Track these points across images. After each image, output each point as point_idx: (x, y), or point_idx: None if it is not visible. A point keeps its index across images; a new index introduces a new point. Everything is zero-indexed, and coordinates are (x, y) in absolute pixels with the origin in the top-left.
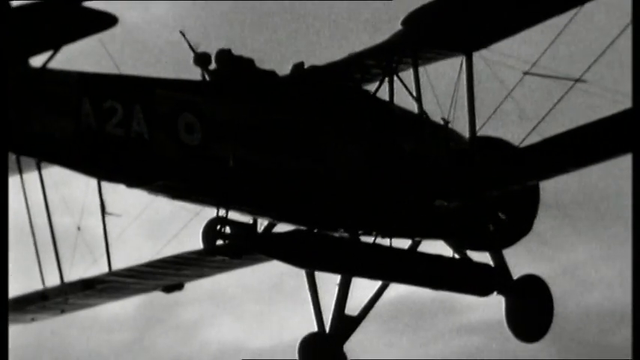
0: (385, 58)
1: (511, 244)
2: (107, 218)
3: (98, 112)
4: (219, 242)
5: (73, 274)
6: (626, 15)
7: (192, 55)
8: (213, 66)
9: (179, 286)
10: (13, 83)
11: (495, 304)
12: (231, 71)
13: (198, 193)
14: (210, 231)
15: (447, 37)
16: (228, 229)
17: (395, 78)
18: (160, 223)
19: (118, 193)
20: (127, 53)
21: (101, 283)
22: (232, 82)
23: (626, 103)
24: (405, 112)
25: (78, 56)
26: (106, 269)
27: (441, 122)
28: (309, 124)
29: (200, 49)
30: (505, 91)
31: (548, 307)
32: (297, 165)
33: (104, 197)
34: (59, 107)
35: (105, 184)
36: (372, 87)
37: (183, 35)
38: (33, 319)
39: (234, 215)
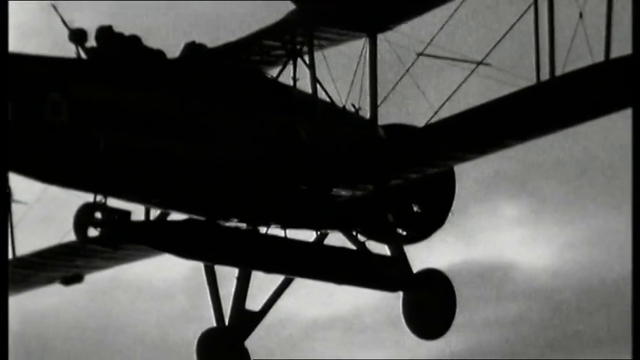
0: (287, 39)
1: (423, 237)
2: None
3: None
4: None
5: None
6: None
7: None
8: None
9: (78, 278)
10: None
11: None
12: (111, 49)
13: (64, 177)
14: (81, 218)
15: (348, 17)
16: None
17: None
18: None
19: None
20: None
21: None
22: (109, 60)
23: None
24: (306, 97)
25: None
26: None
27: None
28: (194, 107)
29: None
30: (407, 75)
31: (450, 303)
32: (178, 150)
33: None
34: None
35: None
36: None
37: (56, 9)
38: None
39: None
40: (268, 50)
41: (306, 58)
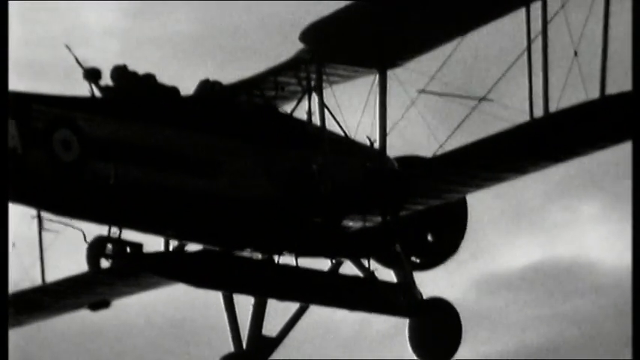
0: (301, 76)
1: (436, 264)
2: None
3: None
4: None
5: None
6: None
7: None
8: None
9: (105, 303)
10: None
11: None
12: (125, 87)
13: (78, 211)
14: (93, 250)
15: (360, 54)
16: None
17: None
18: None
19: None
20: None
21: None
22: (122, 98)
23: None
24: (319, 131)
25: None
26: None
27: (367, 141)
28: (207, 142)
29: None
30: (415, 110)
31: (455, 332)
32: (190, 184)
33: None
34: None
35: None
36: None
37: (69, 49)
38: None
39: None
40: (283, 86)
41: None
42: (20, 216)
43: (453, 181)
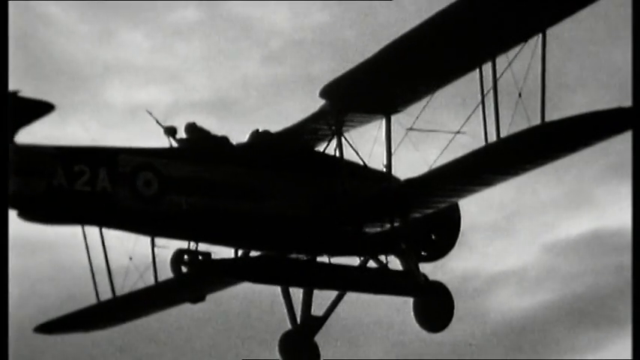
0: (330, 123)
1: (439, 257)
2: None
3: (69, 173)
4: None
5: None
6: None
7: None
8: (182, 135)
9: (202, 298)
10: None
11: None
12: (194, 139)
13: (160, 231)
14: (174, 260)
15: (368, 105)
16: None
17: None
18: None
19: None
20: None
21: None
22: (192, 147)
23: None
24: (346, 162)
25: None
26: None
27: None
28: (259, 175)
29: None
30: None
31: (449, 306)
32: (246, 206)
33: None
34: (37, 171)
35: None
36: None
37: (150, 113)
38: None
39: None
40: (316, 131)
41: (346, 135)
42: (135, 237)
43: (438, 194)
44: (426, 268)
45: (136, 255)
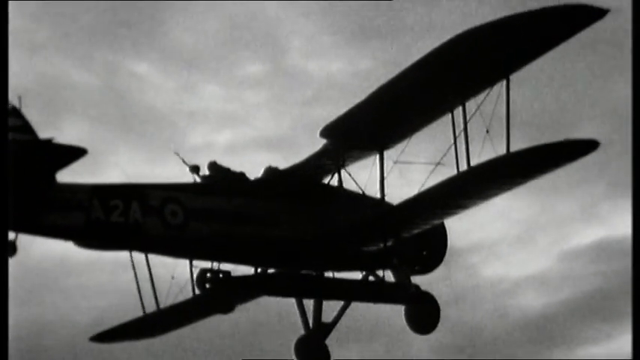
0: (332, 159)
1: (429, 271)
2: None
3: (105, 207)
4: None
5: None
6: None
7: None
8: (205, 172)
9: (231, 309)
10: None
11: None
12: (216, 176)
13: (185, 254)
14: (199, 278)
15: (363, 142)
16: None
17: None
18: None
19: None
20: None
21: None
22: (214, 183)
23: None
24: (345, 192)
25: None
26: None
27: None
28: (270, 205)
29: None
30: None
31: (435, 312)
32: (259, 231)
33: None
34: (76, 206)
35: None
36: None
37: (178, 154)
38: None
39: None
40: (320, 166)
41: (348, 168)
42: (175, 261)
43: (422, 216)
44: (457, 274)
45: (176, 273)
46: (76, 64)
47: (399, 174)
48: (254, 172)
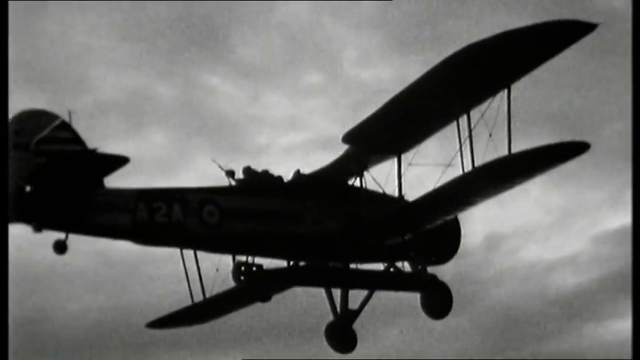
0: (355, 163)
1: (444, 262)
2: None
3: (150, 209)
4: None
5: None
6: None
7: (224, 171)
8: (239, 176)
9: (268, 298)
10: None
11: None
12: (250, 179)
13: (222, 249)
14: (234, 270)
15: (383, 147)
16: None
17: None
18: None
19: None
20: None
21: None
22: (248, 185)
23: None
24: (369, 192)
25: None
26: None
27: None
28: (297, 204)
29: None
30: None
31: (448, 299)
32: (289, 227)
33: None
34: (123, 209)
35: None
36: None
37: (214, 161)
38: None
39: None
40: (345, 169)
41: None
42: (219, 256)
43: (434, 211)
44: (503, 256)
45: (220, 266)
46: (158, 79)
47: (413, 175)
48: (310, 170)
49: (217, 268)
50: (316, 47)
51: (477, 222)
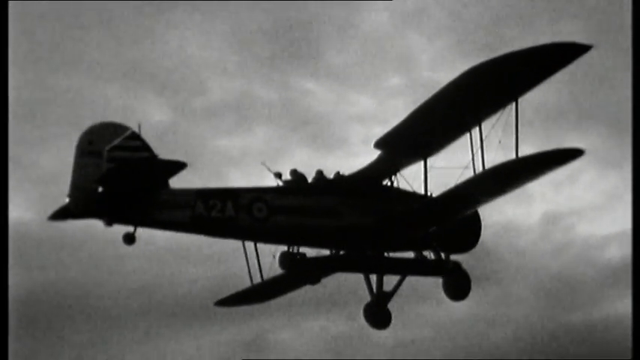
0: (387, 166)
1: (466, 251)
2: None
3: (206, 206)
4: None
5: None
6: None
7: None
8: (287, 177)
9: (318, 281)
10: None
11: None
12: (295, 180)
13: (269, 240)
14: (281, 259)
15: (414, 150)
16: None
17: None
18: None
19: None
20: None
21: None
22: (292, 185)
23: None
24: (400, 190)
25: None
26: None
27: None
28: (334, 201)
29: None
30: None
31: (467, 283)
32: (331, 221)
33: None
34: (184, 205)
35: None
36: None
37: (264, 164)
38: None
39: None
40: (379, 171)
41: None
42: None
43: (455, 206)
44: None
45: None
46: (261, 83)
47: (435, 176)
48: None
49: (274, 255)
50: (396, 53)
51: (536, 202)
